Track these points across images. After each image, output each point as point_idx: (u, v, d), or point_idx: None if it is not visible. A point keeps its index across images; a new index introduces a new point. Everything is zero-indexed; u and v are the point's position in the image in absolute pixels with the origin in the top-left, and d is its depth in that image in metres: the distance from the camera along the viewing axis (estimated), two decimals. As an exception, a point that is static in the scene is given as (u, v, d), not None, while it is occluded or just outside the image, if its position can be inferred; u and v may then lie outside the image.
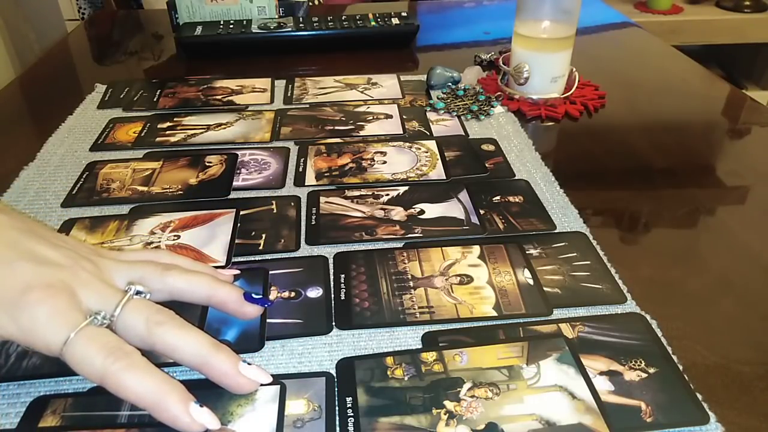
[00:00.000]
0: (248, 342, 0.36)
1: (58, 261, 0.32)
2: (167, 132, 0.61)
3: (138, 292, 0.33)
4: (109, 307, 0.31)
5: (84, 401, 0.33)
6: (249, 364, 0.32)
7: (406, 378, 0.34)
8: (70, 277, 0.31)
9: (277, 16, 0.85)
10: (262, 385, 0.32)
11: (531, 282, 0.41)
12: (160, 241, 0.45)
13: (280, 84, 0.71)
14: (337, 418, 0.32)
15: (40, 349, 0.30)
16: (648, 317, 0.38)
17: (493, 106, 0.65)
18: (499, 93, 0.67)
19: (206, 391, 0.33)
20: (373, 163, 0.55)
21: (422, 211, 0.48)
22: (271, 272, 0.42)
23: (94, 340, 0.29)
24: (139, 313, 0.32)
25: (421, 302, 0.39)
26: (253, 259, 0.43)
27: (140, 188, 0.51)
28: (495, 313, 0.38)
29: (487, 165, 0.55)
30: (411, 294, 0.40)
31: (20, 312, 0.29)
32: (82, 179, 0.53)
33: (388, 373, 0.35)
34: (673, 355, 0.36)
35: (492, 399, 0.33)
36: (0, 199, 0.50)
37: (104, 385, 0.29)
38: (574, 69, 0.67)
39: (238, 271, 0.41)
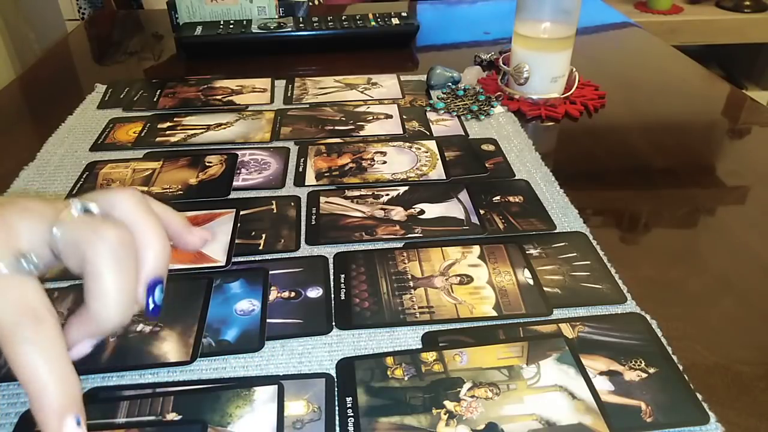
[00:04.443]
0: (248, 342, 0.36)
1: (4, 199, 0.28)
2: (167, 132, 0.61)
3: (86, 210, 0.28)
4: (47, 221, 0.27)
5: None
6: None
7: (406, 378, 0.34)
8: (9, 205, 0.27)
9: (277, 16, 0.85)
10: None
11: (531, 282, 0.41)
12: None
13: (280, 84, 0.71)
14: (337, 418, 0.32)
15: None
16: (648, 317, 0.38)
17: (493, 106, 0.65)
18: (499, 93, 0.67)
19: (204, 393, 0.33)
20: (373, 163, 0.55)
21: (422, 211, 0.48)
22: (271, 272, 0.42)
23: (10, 291, 0.25)
24: (86, 220, 0.28)
25: (421, 302, 0.39)
26: (253, 259, 0.43)
27: (140, 188, 0.51)
28: (495, 313, 0.38)
29: (487, 165, 0.55)
30: (411, 294, 0.40)
31: None
32: (82, 179, 0.53)
33: (388, 373, 0.35)
34: (673, 355, 0.36)
35: (492, 399, 0.33)
36: None
37: (2, 347, 0.25)
38: (574, 69, 0.67)
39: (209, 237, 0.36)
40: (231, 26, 0.81)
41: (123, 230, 0.28)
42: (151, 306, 0.29)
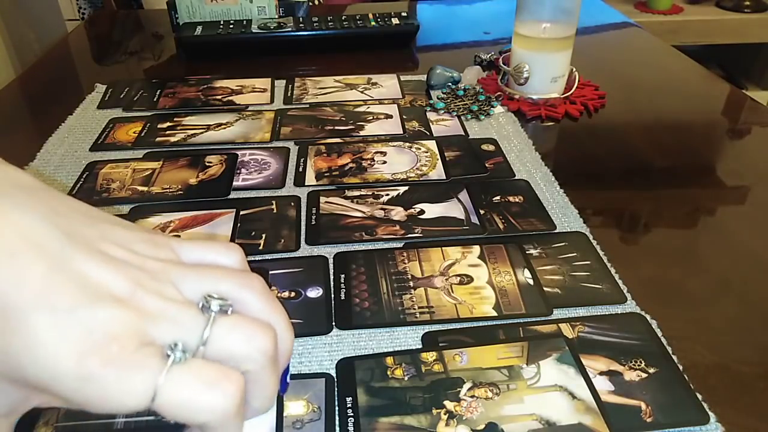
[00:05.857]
0: (248, 342, 0.36)
1: (115, 289, 0.24)
2: (167, 132, 0.61)
3: (221, 309, 0.25)
4: (193, 336, 0.24)
5: (77, 411, 0.32)
6: None
7: (406, 378, 0.34)
8: (134, 313, 0.24)
9: (277, 16, 0.85)
10: None
11: (531, 282, 0.41)
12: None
13: (280, 84, 0.71)
14: (337, 418, 0.32)
15: (123, 413, 0.23)
16: (648, 317, 0.38)
17: (493, 106, 0.65)
18: (499, 93, 0.67)
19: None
20: (373, 163, 0.55)
21: (422, 211, 0.48)
22: (271, 272, 0.42)
23: (191, 376, 0.23)
24: (235, 330, 0.25)
25: (421, 302, 0.39)
26: (253, 259, 0.43)
27: (140, 188, 0.51)
28: (495, 313, 0.38)
29: (487, 165, 0.55)
30: (411, 294, 0.40)
31: (83, 383, 0.23)
32: (82, 179, 0.53)
33: (388, 373, 0.35)
34: (673, 355, 0.36)
35: (492, 399, 0.33)
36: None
37: (228, 428, 0.23)
38: (574, 69, 0.67)
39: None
40: (231, 26, 0.81)
41: (273, 334, 0.26)
42: (283, 389, 0.28)
